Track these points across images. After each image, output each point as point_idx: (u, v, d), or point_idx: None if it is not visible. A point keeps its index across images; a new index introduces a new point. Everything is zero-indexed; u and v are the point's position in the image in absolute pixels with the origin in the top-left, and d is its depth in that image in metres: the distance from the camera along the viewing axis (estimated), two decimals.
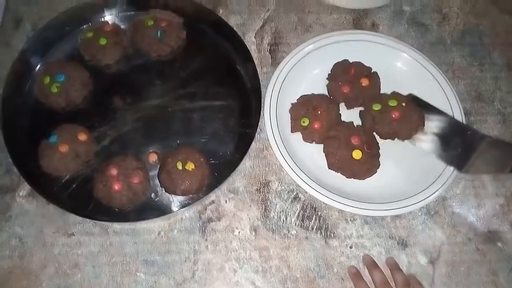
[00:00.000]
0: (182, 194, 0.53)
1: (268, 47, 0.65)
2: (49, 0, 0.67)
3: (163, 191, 0.54)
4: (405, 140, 0.57)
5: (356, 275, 0.52)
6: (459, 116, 0.57)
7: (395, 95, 0.58)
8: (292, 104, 0.59)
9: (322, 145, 0.57)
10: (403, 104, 0.57)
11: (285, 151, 0.55)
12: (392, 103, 0.57)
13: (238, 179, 0.56)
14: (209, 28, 0.64)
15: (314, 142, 0.58)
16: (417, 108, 0.56)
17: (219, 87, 0.60)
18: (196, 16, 0.63)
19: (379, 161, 0.56)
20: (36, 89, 0.59)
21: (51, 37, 0.62)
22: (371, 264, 0.52)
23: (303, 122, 0.57)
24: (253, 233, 0.54)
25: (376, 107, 0.57)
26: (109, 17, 0.65)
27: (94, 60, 0.61)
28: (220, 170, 0.55)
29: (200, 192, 0.54)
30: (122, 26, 0.63)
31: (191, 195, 0.54)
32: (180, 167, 0.53)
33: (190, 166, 0.52)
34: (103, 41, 0.60)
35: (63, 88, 0.57)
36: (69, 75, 0.58)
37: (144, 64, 0.62)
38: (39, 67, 0.61)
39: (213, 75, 0.61)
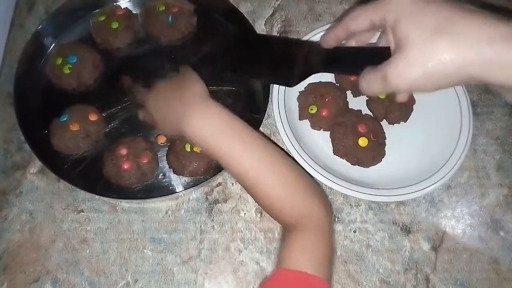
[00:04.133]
0: (190, 175, 0.54)
1: (278, 35, 0.66)
2: None
3: (171, 172, 0.55)
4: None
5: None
6: (466, 107, 0.58)
7: None
8: (300, 92, 0.60)
9: (329, 132, 0.58)
10: None
11: (292, 136, 0.56)
12: None
13: None
14: (220, 15, 0.65)
15: (321, 129, 0.59)
16: None
17: (228, 73, 0.61)
18: (207, 2, 0.64)
19: (384, 150, 0.57)
20: (48, 70, 0.60)
21: (64, 20, 0.63)
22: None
23: (311, 109, 0.58)
24: (259, 215, 0.55)
25: (382, 95, 0.58)
26: (121, 1, 0.66)
27: (106, 43, 0.62)
28: None
29: (207, 173, 0.55)
30: (134, 11, 0.64)
31: (198, 176, 0.55)
32: (188, 149, 0.53)
33: (198, 148, 0.53)
34: (115, 25, 0.61)
35: (75, 70, 0.58)
36: (81, 57, 0.59)
37: (155, 49, 0.63)
38: (52, 49, 0.62)
39: (222, 60, 0.61)
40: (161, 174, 0.56)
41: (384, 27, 0.40)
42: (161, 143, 0.57)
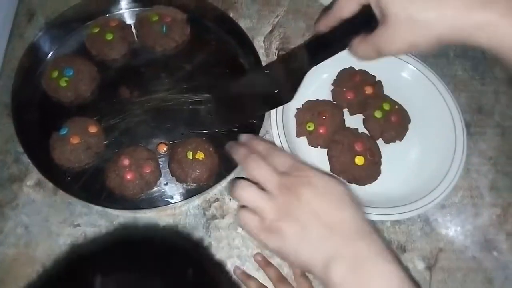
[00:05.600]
0: (193, 183, 0.55)
1: (276, 52, 0.66)
2: None
3: (174, 180, 0.55)
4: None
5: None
6: (460, 127, 0.59)
7: (385, 98, 0.61)
8: (297, 109, 0.61)
9: (326, 150, 0.59)
10: (396, 107, 0.60)
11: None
12: (386, 106, 0.59)
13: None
14: (213, 23, 0.66)
15: (319, 147, 0.59)
16: (402, 107, 0.60)
17: (223, 80, 0.62)
18: (199, 11, 0.66)
19: (380, 169, 0.57)
20: (44, 83, 0.59)
21: (58, 33, 0.63)
22: (264, 263, 0.53)
23: (309, 126, 0.59)
24: None
25: (378, 114, 0.59)
26: (114, 13, 0.67)
27: (101, 55, 0.62)
28: (228, 160, 0.54)
29: (210, 180, 0.55)
30: (128, 22, 0.66)
31: (201, 183, 0.55)
32: (190, 156, 0.54)
33: (200, 155, 0.54)
34: (109, 36, 0.61)
35: (72, 82, 0.58)
36: (77, 70, 0.59)
37: (150, 59, 0.64)
38: (47, 61, 0.62)
39: (217, 68, 0.63)
40: (164, 183, 0.56)
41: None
42: (162, 151, 0.57)
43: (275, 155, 0.42)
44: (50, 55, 0.63)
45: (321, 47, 0.51)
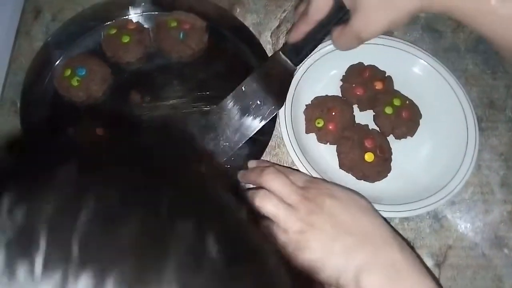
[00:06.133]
0: None
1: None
2: None
3: None
4: None
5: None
6: (472, 122, 0.58)
7: (396, 94, 0.60)
8: (306, 105, 0.60)
9: (335, 146, 0.58)
10: (407, 102, 0.59)
11: (299, 150, 0.56)
12: (397, 102, 0.58)
13: None
14: (231, 33, 0.65)
15: (328, 143, 0.59)
16: (413, 102, 0.60)
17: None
18: (218, 20, 0.64)
19: (390, 165, 0.57)
20: (56, 82, 0.59)
21: (74, 32, 0.63)
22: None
23: (318, 123, 0.58)
24: None
25: (389, 110, 0.58)
26: (133, 15, 0.66)
27: (116, 57, 0.62)
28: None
29: None
30: (146, 26, 0.64)
31: None
32: None
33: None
34: (126, 39, 0.61)
35: (84, 82, 0.58)
36: (90, 70, 0.59)
37: (165, 64, 0.63)
38: (61, 60, 0.62)
39: (231, 79, 0.61)
40: None
41: None
42: None
43: (290, 172, 0.42)
44: (64, 53, 0.63)
45: (299, 49, 0.55)
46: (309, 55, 0.58)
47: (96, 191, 0.18)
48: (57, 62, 0.62)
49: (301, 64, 0.59)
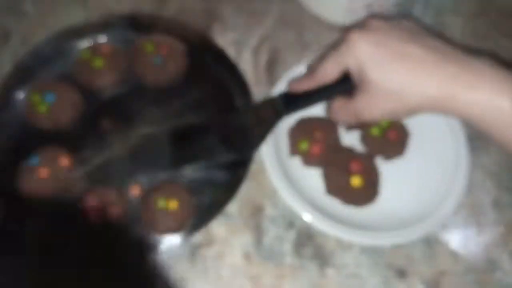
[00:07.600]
0: (160, 234, 0.51)
1: (265, 65, 0.63)
2: (42, 15, 0.65)
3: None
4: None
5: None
6: (462, 140, 0.57)
7: None
8: (290, 127, 0.58)
9: (321, 169, 0.56)
10: (394, 122, 0.57)
11: (281, 174, 0.54)
12: (384, 122, 0.56)
13: (230, 203, 0.55)
14: (210, 59, 0.62)
15: (313, 166, 0.56)
16: (400, 122, 0.58)
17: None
18: (197, 45, 0.61)
19: (378, 189, 0.55)
20: (23, 107, 0.57)
21: (44, 56, 0.60)
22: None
23: (302, 145, 0.56)
24: (245, 261, 0.52)
25: (375, 131, 0.56)
26: (107, 38, 0.62)
27: (88, 82, 0.59)
28: (204, 211, 0.53)
29: (180, 231, 0.52)
30: (121, 49, 0.61)
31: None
32: (161, 205, 0.50)
33: (173, 204, 0.50)
34: (99, 63, 0.58)
35: (52, 109, 0.55)
36: (60, 96, 0.56)
37: (140, 90, 0.59)
38: (29, 85, 0.59)
39: (210, 106, 0.59)
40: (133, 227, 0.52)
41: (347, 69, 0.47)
42: (135, 195, 0.53)
43: None
44: (34, 77, 0.59)
45: (295, 101, 0.53)
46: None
47: None
48: (25, 87, 0.59)
49: (281, 85, 0.57)
